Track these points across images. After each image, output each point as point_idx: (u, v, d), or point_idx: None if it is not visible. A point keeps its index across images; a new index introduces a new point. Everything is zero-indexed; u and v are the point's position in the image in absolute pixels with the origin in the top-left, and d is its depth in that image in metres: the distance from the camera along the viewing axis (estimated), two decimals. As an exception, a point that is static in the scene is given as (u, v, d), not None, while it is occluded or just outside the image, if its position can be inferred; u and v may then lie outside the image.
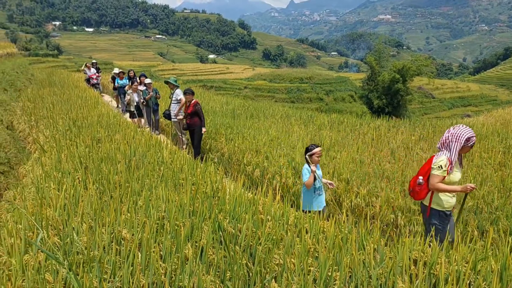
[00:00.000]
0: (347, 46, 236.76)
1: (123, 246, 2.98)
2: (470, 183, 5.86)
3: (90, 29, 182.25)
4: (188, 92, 8.32)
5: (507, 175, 6.12)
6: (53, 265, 2.61)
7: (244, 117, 11.15)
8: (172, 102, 9.18)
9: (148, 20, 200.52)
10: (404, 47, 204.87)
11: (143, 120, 10.74)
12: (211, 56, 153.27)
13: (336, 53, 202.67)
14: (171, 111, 9.22)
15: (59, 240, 3.04)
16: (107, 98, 17.21)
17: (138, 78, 11.83)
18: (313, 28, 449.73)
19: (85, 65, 18.16)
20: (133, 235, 3.24)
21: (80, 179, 4.42)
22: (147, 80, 10.83)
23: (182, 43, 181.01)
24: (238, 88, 47.88)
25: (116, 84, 14.10)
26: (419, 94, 55.78)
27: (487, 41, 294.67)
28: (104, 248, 2.98)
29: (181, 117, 8.97)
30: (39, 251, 2.86)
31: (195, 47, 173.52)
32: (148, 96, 10.48)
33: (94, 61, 19.40)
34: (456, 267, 2.73)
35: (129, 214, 3.54)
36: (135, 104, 10.62)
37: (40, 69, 25.22)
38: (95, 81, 17.76)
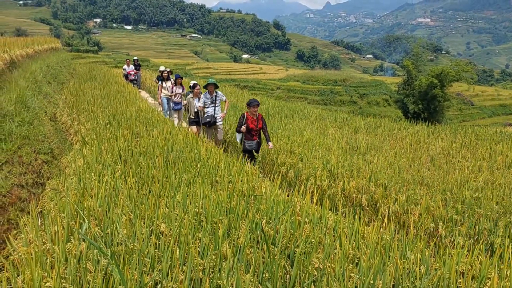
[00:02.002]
0: (383, 49, 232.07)
1: (160, 241, 3.00)
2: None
3: (129, 27, 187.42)
4: (256, 104, 6.87)
5: (558, 188, 5.76)
6: (94, 255, 2.65)
7: (278, 118, 11.09)
8: (216, 105, 8.33)
9: (185, 19, 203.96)
10: (443, 52, 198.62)
11: (194, 128, 9.13)
12: (245, 56, 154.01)
13: (371, 56, 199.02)
14: (216, 115, 8.32)
15: (99, 231, 3.09)
16: (143, 94, 17.59)
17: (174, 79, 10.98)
18: (348, 30, 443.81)
19: (125, 61, 18.72)
20: (170, 230, 3.25)
21: (120, 172, 4.49)
22: (193, 82, 9.61)
23: (217, 42, 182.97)
24: (270, 89, 47.92)
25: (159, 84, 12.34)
26: (458, 101, 53.88)
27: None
28: (143, 240, 3.00)
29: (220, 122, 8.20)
30: (82, 240, 2.92)
31: (229, 46, 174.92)
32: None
33: (135, 58, 19.89)
34: (509, 283, 2.57)
35: (167, 209, 3.56)
36: (195, 111, 9.06)
37: (81, 64, 26.15)
38: (133, 77, 18.25)
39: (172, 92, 10.57)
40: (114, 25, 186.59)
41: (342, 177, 6.14)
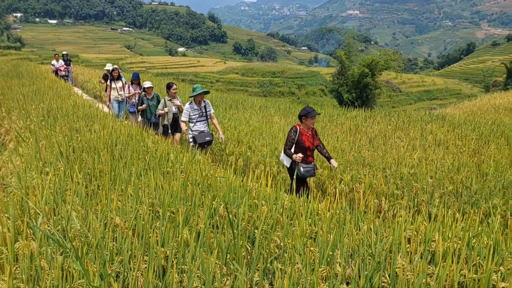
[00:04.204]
0: (316, 41, 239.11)
1: (117, 233, 2.91)
2: (448, 169, 6.08)
3: (53, 21, 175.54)
4: (315, 114, 5.03)
5: (481, 161, 6.38)
6: (48, 252, 2.52)
7: (223, 108, 11.08)
8: (208, 118, 6.50)
9: (115, 12, 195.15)
10: (372, 42, 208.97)
11: (178, 136, 7.59)
12: (181, 49, 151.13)
13: (306, 47, 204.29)
14: (206, 131, 6.43)
15: (49, 228, 2.93)
16: (76, 90, 16.68)
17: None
18: (283, 23, 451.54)
19: (54, 56, 17.58)
20: (126, 222, 3.17)
21: (63, 168, 4.26)
22: (147, 84, 8.10)
23: (150, 35, 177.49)
24: (210, 82, 47.60)
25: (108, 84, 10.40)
26: (387, 88, 57.16)
27: (451, 36, 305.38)
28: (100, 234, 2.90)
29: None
30: (30, 239, 2.76)
31: (164, 40, 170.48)
32: (142, 106, 8.06)
33: (64, 52, 18.71)
34: (451, 243, 2.83)
35: (119, 202, 3.46)
36: (173, 116, 7.67)
37: (4, 61, 24.13)
38: (63, 73, 17.21)
39: (129, 92, 9.11)
40: (37, 19, 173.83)
41: (290, 162, 6.31)
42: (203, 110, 6.39)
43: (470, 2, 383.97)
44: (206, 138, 6.26)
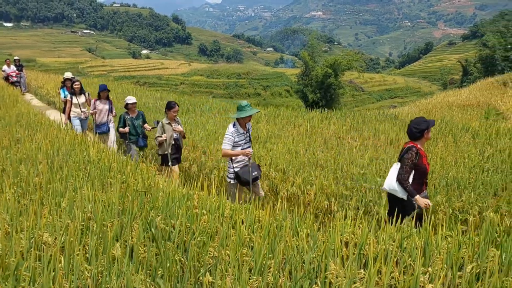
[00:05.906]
0: (282, 42, 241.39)
1: (43, 252, 2.76)
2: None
3: (9, 24, 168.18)
4: (433, 122, 3.93)
5: (429, 159, 6.56)
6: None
7: (180, 113, 10.90)
8: (249, 144, 4.96)
9: (74, 14, 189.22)
10: (335, 43, 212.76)
11: (176, 170, 6.26)
12: (144, 51, 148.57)
13: (271, 48, 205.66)
14: (252, 163, 4.88)
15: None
16: (29, 96, 16.00)
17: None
18: (248, 24, 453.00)
19: (5, 61, 16.78)
20: (55, 239, 3.01)
21: (-5, 183, 4.02)
22: (131, 99, 6.88)
23: (113, 38, 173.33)
24: (174, 84, 47.03)
25: (63, 97, 9.15)
26: (350, 88, 58.36)
27: (410, 36, 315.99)
28: (22, 254, 2.73)
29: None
30: None
31: (127, 42, 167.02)
32: (125, 129, 6.78)
33: (16, 57, 17.89)
34: (384, 246, 2.85)
35: (51, 217, 3.29)
36: (174, 142, 6.28)
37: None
38: (15, 79, 16.50)
39: (95, 108, 7.69)
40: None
41: (243, 166, 6.26)
42: (248, 135, 4.96)
43: (427, 3, 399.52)
44: (254, 173, 4.76)
